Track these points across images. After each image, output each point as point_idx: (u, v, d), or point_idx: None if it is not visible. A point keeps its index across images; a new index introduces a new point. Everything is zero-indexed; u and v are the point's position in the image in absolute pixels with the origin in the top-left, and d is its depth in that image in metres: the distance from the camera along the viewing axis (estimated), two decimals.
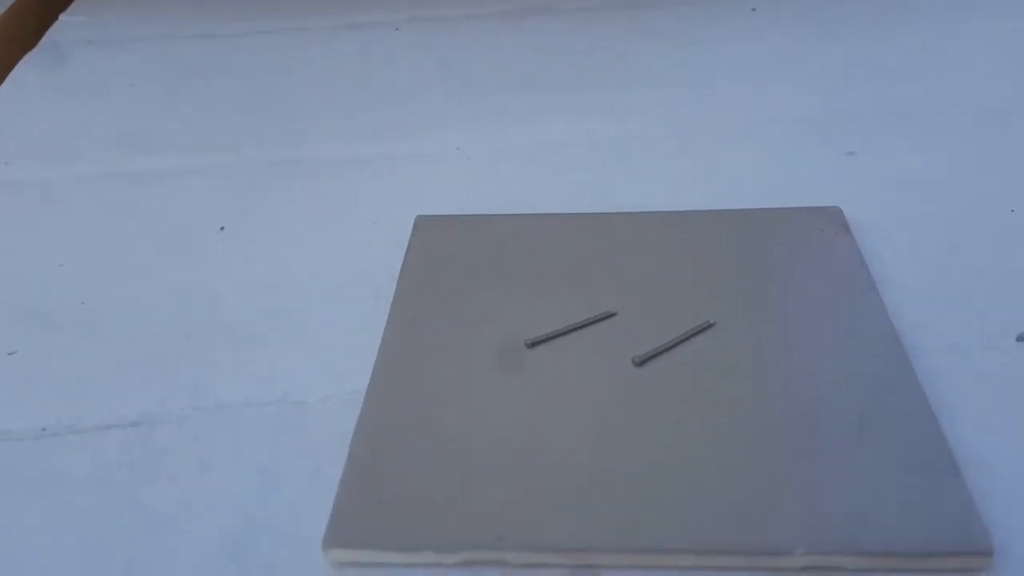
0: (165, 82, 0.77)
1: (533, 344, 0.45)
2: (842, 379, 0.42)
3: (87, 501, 0.40)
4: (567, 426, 0.40)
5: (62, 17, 0.88)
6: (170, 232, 0.58)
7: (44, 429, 0.43)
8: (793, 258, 0.50)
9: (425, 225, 0.55)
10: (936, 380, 0.42)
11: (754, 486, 0.37)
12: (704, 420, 0.40)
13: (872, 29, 0.77)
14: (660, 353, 0.44)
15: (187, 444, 0.42)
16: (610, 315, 0.46)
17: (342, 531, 0.36)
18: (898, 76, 0.70)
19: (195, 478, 0.40)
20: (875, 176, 0.59)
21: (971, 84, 0.68)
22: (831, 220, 0.52)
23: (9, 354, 0.48)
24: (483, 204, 0.58)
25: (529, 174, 0.62)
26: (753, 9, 0.81)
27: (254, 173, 0.64)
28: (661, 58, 0.76)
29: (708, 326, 0.45)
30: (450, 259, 0.51)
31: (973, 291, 0.48)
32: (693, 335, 0.45)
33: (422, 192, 0.61)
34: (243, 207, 0.60)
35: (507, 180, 0.62)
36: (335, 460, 0.40)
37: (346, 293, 0.51)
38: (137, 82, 0.77)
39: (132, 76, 0.78)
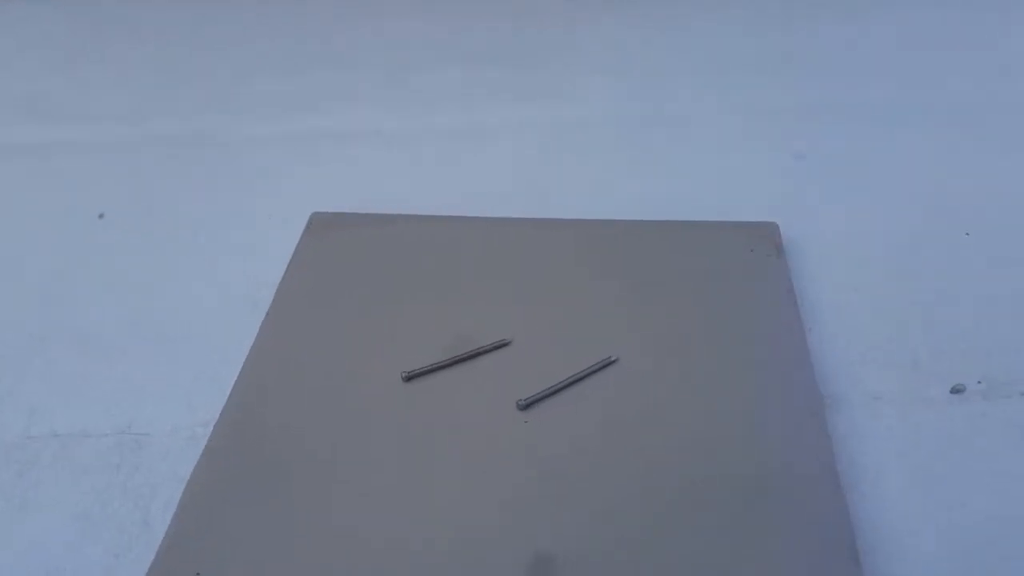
0: (67, 41, 0.70)
1: (410, 377, 0.40)
2: (747, 434, 0.37)
3: None
4: (437, 480, 0.36)
5: None
6: (45, 216, 0.53)
7: None
8: (716, 283, 0.45)
9: (319, 224, 0.49)
10: (854, 439, 0.38)
11: (633, 561, 0.33)
12: (587, 480, 0.35)
13: (841, 15, 0.71)
14: (549, 395, 0.39)
15: (11, 480, 0.37)
16: (503, 344, 0.41)
17: None
18: (863, 71, 0.64)
19: (12, 519, 0.36)
20: (821, 184, 0.53)
21: (941, 81, 0.62)
22: (765, 238, 0.47)
23: None
24: (394, 196, 0.53)
25: (452, 161, 0.57)
26: None
27: (147, 151, 0.58)
28: (609, 43, 0.69)
29: (609, 363, 0.40)
30: (337, 267, 0.46)
31: (912, 332, 0.43)
32: (591, 373, 0.40)
33: (328, 180, 0.55)
34: (129, 191, 0.55)
35: (427, 168, 0.56)
36: (167, 507, 0.36)
37: (223, 302, 0.46)
38: (34, 40, 0.70)
39: (28, 33, 0.71)
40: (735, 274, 0.45)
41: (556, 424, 0.38)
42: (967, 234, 0.49)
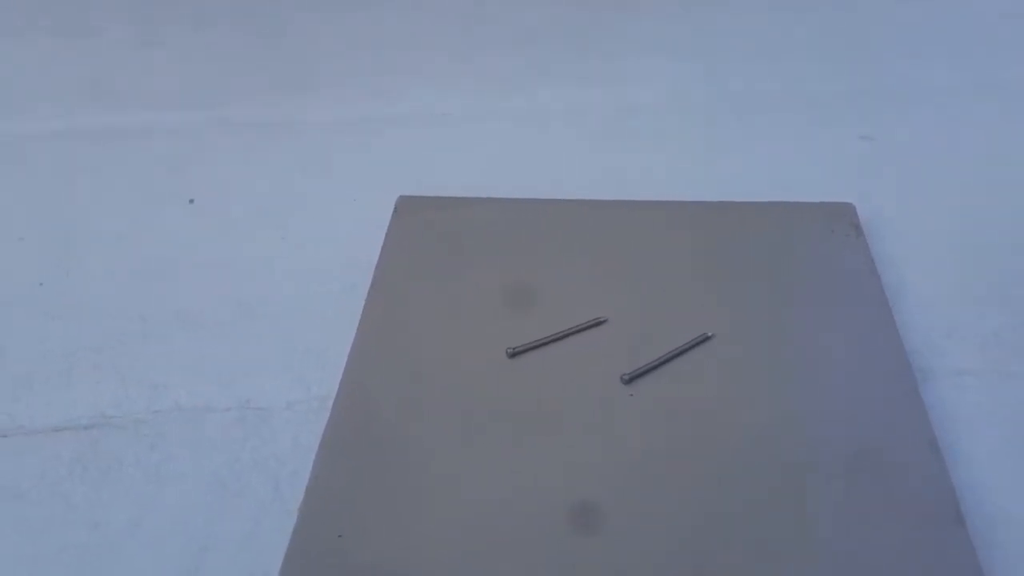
0: (137, 25, 0.72)
1: (515, 354, 0.42)
2: (843, 408, 0.39)
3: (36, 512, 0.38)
4: (546, 450, 0.38)
5: None
6: (135, 201, 0.55)
7: None
8: (800, 262, 0.46)
9: (406, 207, 0.51)
10: (945, 412, 0.40)
11: (738, 531, 0.35)
12: (690, 454, 0.37)
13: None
14: (652, 369, 0.41)
15: (144, 453, 0.40)
16: (600, 322, 0.43)
17: (298, 570, 0.34)
18: (925, 53, 0.65)
19: (151, 492, 0.38)
20: (890, 165, 0.55)
21: (1013, 60, 0.63)
22: (842, 218, 0.48)
23: None
24: (468, 178, 0.54)
25: (519, 146, 0.58)
26: None
27: (229, 136, 0.59)
28: (666, 26, 0.70)
29: (705, 339, 0.42)
30: (431, 249, 0.48)
31: (990, 309, 0.45)
32: (689, 349, 0.42)
33: (402, 163, 0.57)
34: (214, 176, 0.56)
35: (495, 152, 0.58)
36: (296, 478, 0.38)
37: (319, 282, 0.48)
38: (106, 24, 0.72)
39: (100, 16, 0.73)
40: (817, 254, 0.47)
41: (658, 397, 0.40)
42: None
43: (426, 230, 0.49)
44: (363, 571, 0.33)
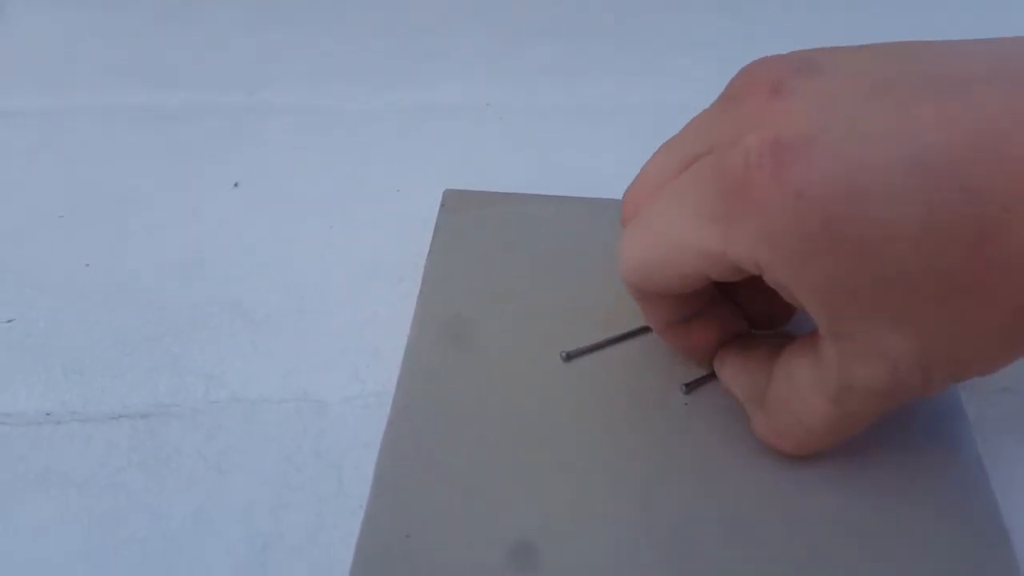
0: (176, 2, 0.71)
1: (570, 357, 0.42)
2: (889, 424, 0.40)
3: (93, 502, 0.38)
4: (608, 455, 0.38)
5: None
6: (178, 182, 0.54)
7: (48, 414, 0.41)
8: None
9: (454, 201, 0.51)
10: (983, 429, 0.41)
11: (783, 546, 0.36)
12: (743, 460, 0.38)
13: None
14: (707, 381, 0.41)
15: (203, 443, 0.40)
16: (648, 328, 0.44)
17: (368, 571, 0.34)
18: None
19: (212, 483, 0.38)
20: None
21: None
22: None
23: (7, 321, 0.45)
24: (515, 173, 0.54)
25: (565, 141, 0.58)
26: None
27: (269, 120, 0.59)
28: (713, 20, 0.70)
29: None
30: (481, 246, 0.48)
31: None
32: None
33: (446, 153, 0.57)
34: (257, 159, 0.56)
35: (541, 146, 0.58)
36: (358, 473, 0.38)
37: (367, 274, 0.48)
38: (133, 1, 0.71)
39: None
40: None
41: (714, 409, 0.40)
42: None
43: (475, 226, 0.49)
44: (433, 572, 0.34)
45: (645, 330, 0.44)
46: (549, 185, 0.52)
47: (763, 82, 0.31)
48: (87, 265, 0.48)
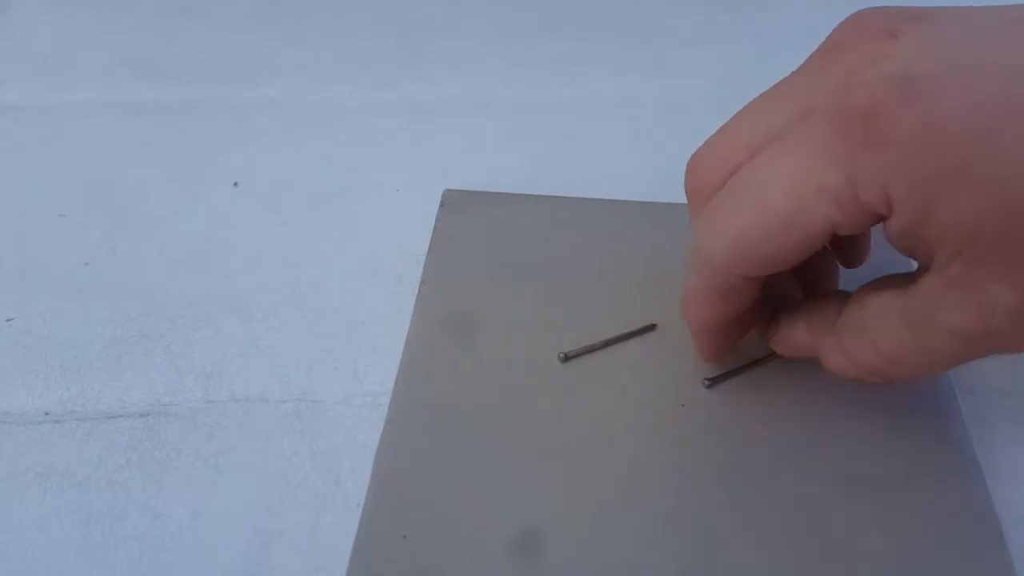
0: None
1: (568, 358, 0.42)
2: (890, 425, 0.40)
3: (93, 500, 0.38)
4: (609, 457, 0.38)
5: None
6: (177, 180, 0.54)
7: (47, 413, 0.41)
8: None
9: (453, 201, 0.51)
10: (981, 431, 0.41)
11: (785, 547, 0.36)
12: (739, 462, 0.38)
13: None
14: (731, 375, 0.41)
15: (202, 443, 0.40)
16: (651, 327, 0.44)
17: (365, 572, 0.34)
18: None
19: (211, 482, 0.38)
20: None
21: None
22: None
23: (7, 320, 0.45)
24: (515, 171, 0.54)
25: (567, 139, 0.58)
26: None
27: (268, 117, 0.59)
28: (714, 14, 0.70)
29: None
30: (481, 246, 0.48)
31: None
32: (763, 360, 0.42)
33: (446, 152, 0.57)
34: (257, 157, 0.56)
35: (542, 144, 0.58)
36: (355, 473, 0.38)
37: (367, 274, 0.48)
38: None
39: None
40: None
41: (712, 412, 0.40)
42: None
43: (475, 226, 0.49)
44: (430, 573, 0.34)
45: (644, 331, 0.44)
46: (550, 183, 0.52)
47: (876, 28, 0.31)
48: (86, 264, 0.48)
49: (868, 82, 0.29)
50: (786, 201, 0.31)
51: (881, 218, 0.31)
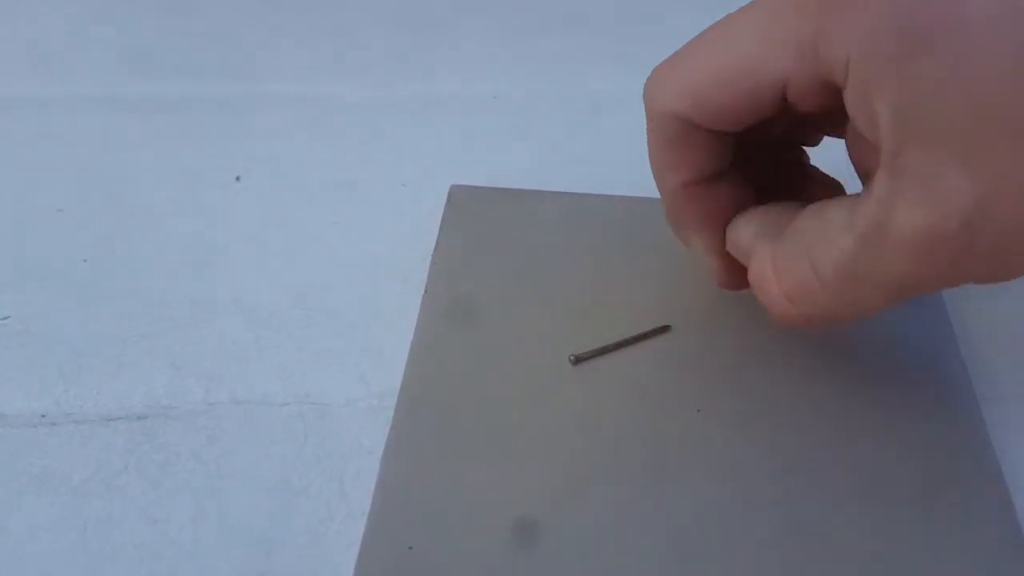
0: None
1: (579, 360, 0.41)
2: (906, 431, 0.39)
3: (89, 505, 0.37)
4: (619, 463, 0.37)
5: None
6: (178, 176, 0.53)
7: (43, 416, 0.40)
8: None
9: (460, 197, 0.50)
10: (1000, 435, 0.39)
11: (805, 556, 0.35)
12: (752, 467, 0.37)
13: None
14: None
15: (202, 447, 0.39)
16: (665, 329, 0.43)
17: None
18: None
19: (212, 488, 0.37)
20: None
21: None
22: None
23: (3, 319, 0.44)
24: (522, 166, 0.53)
25: (574, 134, 0.57)
26: None
27: (270, 111, 0.58)
28: (717, 11, 0.69)
29: None
30: (488, 243, 0.47)
31: None
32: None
33: (451, 147, 0.56)
34: (260, 152, 0.55)
35: (549, 139, 0.57)
36: (360, 478, 0.37)
37: (372, 273, 0.47)
38: None
39: None
40: None
41: (726, 416, 0.39)
42: None
43: (482, 223, 0.48)
44: None
45: (657, 332, 0.42)
46: (557, 179, 0.51)
47: None
48: (85, 261, 0.47)
49: None
50: (750, 45, 0.32)
51: (833, 88, 0.30)
